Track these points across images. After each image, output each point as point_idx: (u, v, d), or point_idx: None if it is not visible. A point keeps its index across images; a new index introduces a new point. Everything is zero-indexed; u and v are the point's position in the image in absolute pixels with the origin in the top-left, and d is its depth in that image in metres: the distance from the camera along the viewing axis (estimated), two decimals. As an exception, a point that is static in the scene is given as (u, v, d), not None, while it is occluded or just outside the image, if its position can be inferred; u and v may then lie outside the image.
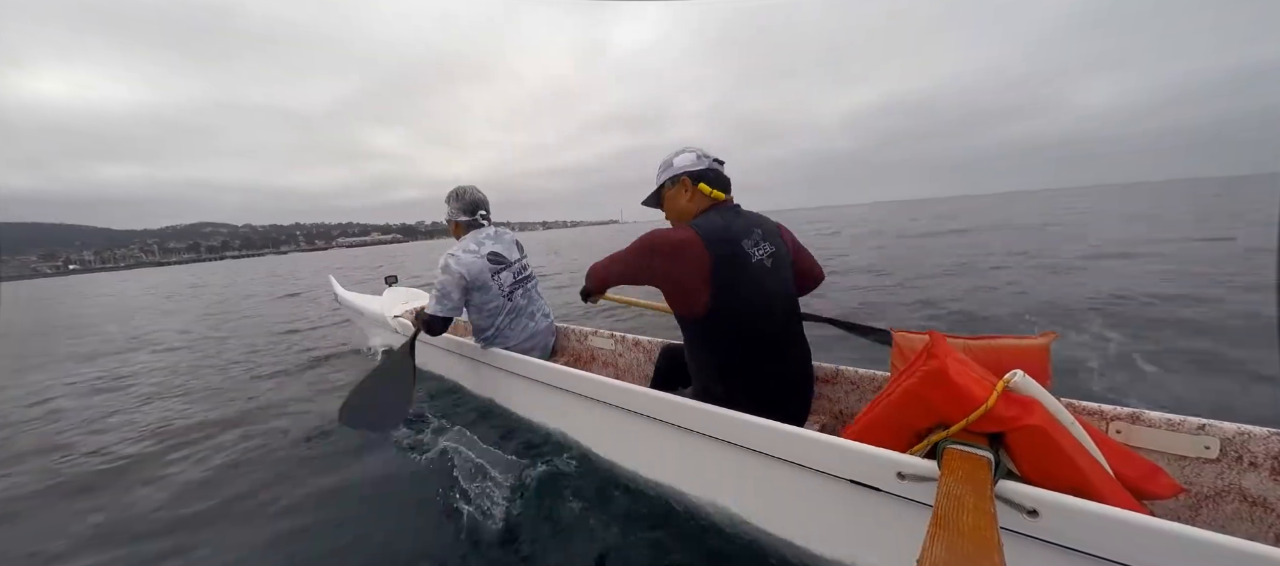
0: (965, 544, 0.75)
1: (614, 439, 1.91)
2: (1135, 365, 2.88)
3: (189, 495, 2.14)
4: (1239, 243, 7.38)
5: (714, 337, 1.51)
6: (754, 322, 1.47)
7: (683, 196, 1.64)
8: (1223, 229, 9.30)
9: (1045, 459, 0.96)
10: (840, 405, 1.89)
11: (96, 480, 2.39)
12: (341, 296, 4.79)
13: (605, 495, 1.79)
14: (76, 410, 3.65)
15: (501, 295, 2.43)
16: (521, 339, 2.51)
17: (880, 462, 1.11)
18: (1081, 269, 6.21)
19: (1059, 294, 4.89)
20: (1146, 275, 5.41)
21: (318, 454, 2.43)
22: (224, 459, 2.47)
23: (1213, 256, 6.30)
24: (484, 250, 2.42)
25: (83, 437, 3.01)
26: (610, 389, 1.81)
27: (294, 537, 1.76)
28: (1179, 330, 3.44)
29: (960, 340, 1.36)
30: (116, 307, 13.05)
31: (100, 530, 1.93)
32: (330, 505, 1.96)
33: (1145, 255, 6.84)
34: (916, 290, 5.78)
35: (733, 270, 1.44)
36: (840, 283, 6.68)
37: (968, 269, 7.02)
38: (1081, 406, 1.34)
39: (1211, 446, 1.20)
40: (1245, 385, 2.50)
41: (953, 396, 1.00)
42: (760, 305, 1.48)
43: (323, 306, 8.62)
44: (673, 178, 1.65)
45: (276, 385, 3.83)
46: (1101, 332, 3.51)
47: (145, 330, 8.03)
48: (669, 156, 1.69)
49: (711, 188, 1.60)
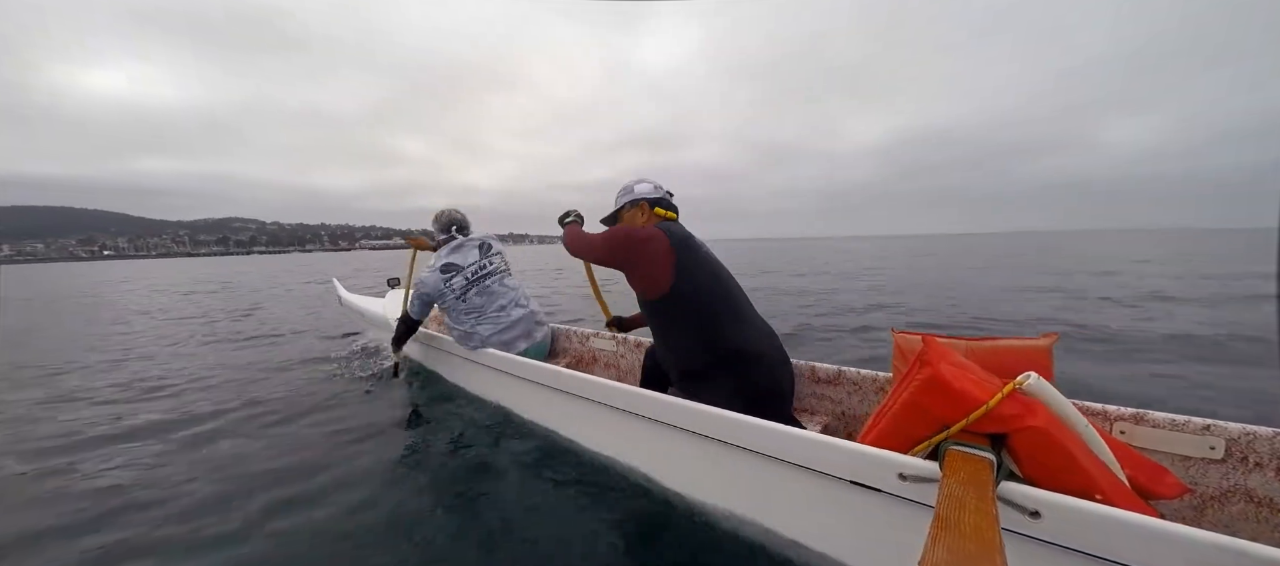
0: (967, 545, 0.75)
1: (615, 440, 1.91)
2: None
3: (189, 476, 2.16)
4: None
5: (680, 309, 1.74)
6: (713, 289, 1.74)
7: (640, 217, 1.97)
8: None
9: (1048, 460, 0.96)
10: (842, 406, 1.89)
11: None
12: (346, 299, 4.81)
13: (605, 496, 1.79)
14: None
15: (455, 297, 2.75)
16: (499, 330, 2.72)
17: (881, 463, 1.12)
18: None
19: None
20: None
21: (318, 450, 2.45)
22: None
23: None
24: (439, 263, 2.81)
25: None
26: (612, 391, 1.82)
27: (295, 537, 1.77)
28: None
29: (962, 342, 1.36)
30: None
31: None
32: (327, 504, 1.96)
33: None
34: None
35: (689, 253, 1.76)
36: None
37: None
38: (1085, 407, 1.33)
39: (1217, 447, 1.19)
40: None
41: (950, 400, 1.00)
42: (715, 276, 1.77)
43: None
44: (632, 201, 1.98)
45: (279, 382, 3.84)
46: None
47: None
48: (629, 183, 2.03)
49: (665, 212, 1.95)
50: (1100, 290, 7.62)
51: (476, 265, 2.84)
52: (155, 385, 3.72)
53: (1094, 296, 6.99)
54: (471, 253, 2.88)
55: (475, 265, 2.84)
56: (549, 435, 2.25)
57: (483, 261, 2.87)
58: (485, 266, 2.87)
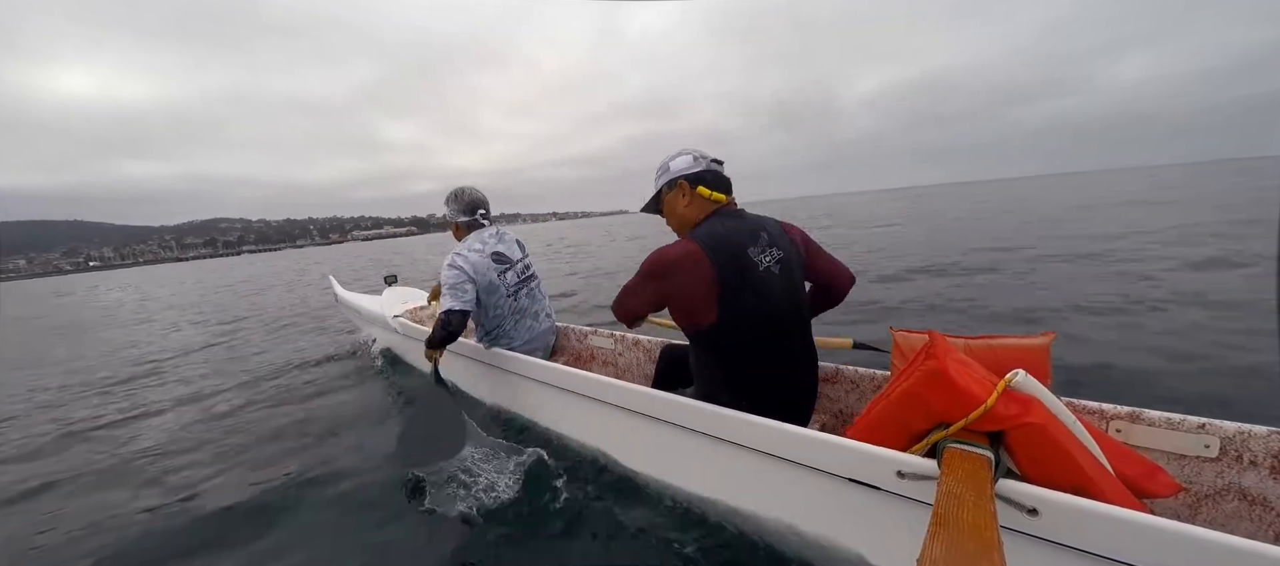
0: (965, 542, 0.75)
1: (614, 438, 1.92)
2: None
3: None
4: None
5: (720, 349, 1.48)
6: (761, 335, 1.43)
7: (681, 201, 1.58)
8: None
9: (1045, 457, 0.96)
10: (840, 404, 1.89)
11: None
12: (341, 297, 4.77)
13: (604, 494, 1.80)
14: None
15: (506, 295, 2.42)
16: (524, 340, 2.51)
17: (880, 461, 1.12)
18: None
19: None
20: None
21: (316, 450, 2.44)
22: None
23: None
24: (488, 249, 2.40)
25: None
26: (610, 388, 1.82)
27: (294, 537, 1.77)
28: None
29: (961, 340, 1.36)
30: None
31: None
32: (325, 504, 1.97)
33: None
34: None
35: (739, 279, 1.39)
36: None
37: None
38: (1081, 405, 1.34)
39: (1211, 445, 1.20)
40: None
41: (952, 396, 1.00)
42: (767, 316, 1.43)
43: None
44: (670, 182, 1.59)
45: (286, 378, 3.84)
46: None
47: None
48: (665, 159, 1.64)
49: (711, 190, 1.54)
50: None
51: (523, 263, 2.56)
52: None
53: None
54: (514, 247, 2.55)
55: (522, 262, 2.56)
56: (549, 433, 2.24)
57: (526, 259, 2.61)
58: (529, 266, 2.61)
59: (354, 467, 2.25)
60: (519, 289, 2.48)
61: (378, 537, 1.75)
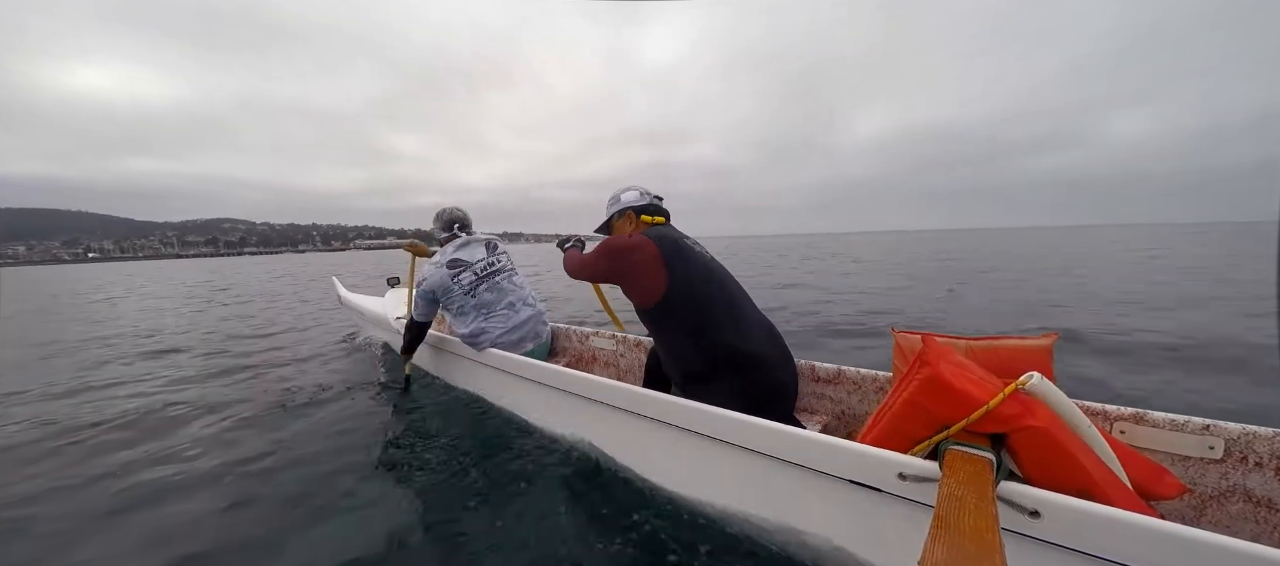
0: (966, 544, 0.75)
1: (614, 439, 1.91)
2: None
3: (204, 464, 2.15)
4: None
5: (677, 314, 1.73)
6: (708, 291, 1.74)
7: (628, 226, 2.02)
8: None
9: (1048, 460, 0.96)
10: (842, 405, 1.89)
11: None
12: (345, 298, 4.79)
13: (604, 495, 1.79)
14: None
15: (464, 293, 2.69)
16: (506, 330, 2.67)
17: (881, 463, 1.11)
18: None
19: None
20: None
21: (315, 448, 2.44)
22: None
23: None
24: (445, 260, 2.73)
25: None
26: (612, 390, 1.82)
27: (294, 538, 1.76)
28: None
29: (963, 341, 1.35)
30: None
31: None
32: (323, 504, 1.96)
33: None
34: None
35: (680, 254, 1.76)
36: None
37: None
38: (1086, 406, 1.33)
39: (1216, 447, 1.20)
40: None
41: (950, 400, 1.00)
42: (708, 277, 1.76)
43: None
44: (619, 211, 2.04)
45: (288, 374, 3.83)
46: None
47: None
48: (616, 191, 2.09)
49: (651, 217, 2.00)
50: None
51: (484, 261, 2.80)
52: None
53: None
54: (478, 249, 2.84)
55: (483, 261, 2.80)
56: (549, 435, 2.24)
57: (490, 259, 2.84)
58: (494, 263, 2.84)
59: (348, 467, 2.25)
60: (476, 285, 2.73)
61: (372, 537, 1.74)
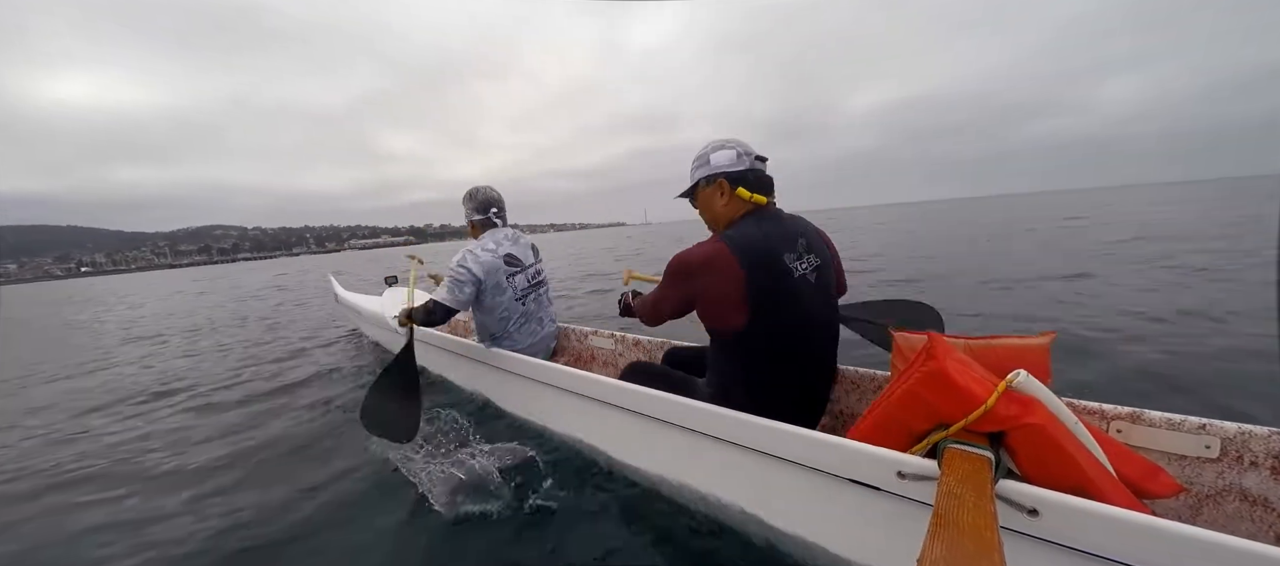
0: (965, 543, 0.75)
1: (614, 438, 1.91)
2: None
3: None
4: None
5: (746, 356, 1.41)
6: (793, 346, 1.38)
7: (718, 200, 1.50)
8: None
9: (1046, 458, 0.96)
10: (840, 405, 1.89)
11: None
12: (342, 297, 4.78)
13: (605, 495, 1.79)
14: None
15: (515, 298, 2.43)
16: (527, 344, 2.52)
17: (880, 462, 1.11)
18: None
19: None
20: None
21: (315, 447, 2.44)
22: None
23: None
24: (501, 250, 2.40)
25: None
26: (611, 388, 1.82)
27: (296, 537, 1.76)
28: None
29: (961, 340, 1.36)
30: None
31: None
32: (320, 504, 1.96)
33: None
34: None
35: (772, 285, 1.32)
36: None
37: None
38: (1082, 405, 1.33)
39: (1212, 446, 1.20)
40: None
41: (953, 397, 1.00)
42: (800, 325, 1.37)
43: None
44: (709, 177, 1.50)
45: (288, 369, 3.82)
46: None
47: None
48: (705, 150, 1.53)
49: (751, 191, 1.45)
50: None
51: (535, 268, 2.57)
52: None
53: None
54: (528, 251, 2.56)
55: (534, 267, 2.57)
56: (549, 434, 2.24)
57: (538, 265, 2.61)
58: (540, 272, 2.61)
59: (345, 467, 2.25)
60: (527, 293, 2.49)
61: (366, 536, 1.74)
